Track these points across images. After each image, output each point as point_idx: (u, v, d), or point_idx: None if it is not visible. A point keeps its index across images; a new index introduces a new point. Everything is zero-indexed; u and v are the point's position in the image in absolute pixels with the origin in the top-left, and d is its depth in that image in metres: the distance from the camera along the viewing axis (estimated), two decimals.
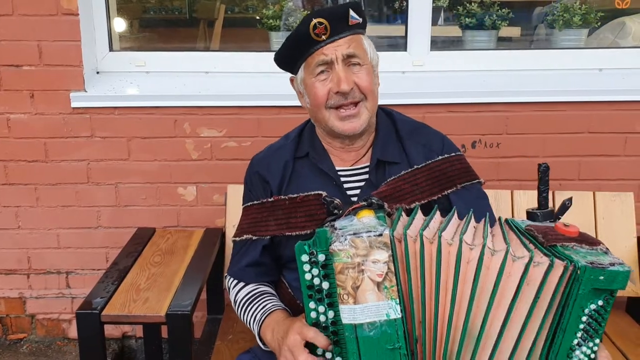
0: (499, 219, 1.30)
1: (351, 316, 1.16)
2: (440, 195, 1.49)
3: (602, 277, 1.11)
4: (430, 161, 1.53)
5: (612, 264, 1.12)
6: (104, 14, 2.53)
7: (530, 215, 1.34)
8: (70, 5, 2.35)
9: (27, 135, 2.50)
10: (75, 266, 2.67)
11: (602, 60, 2.57)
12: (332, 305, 1.20)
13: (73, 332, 2.72)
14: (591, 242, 1.20)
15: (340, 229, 1.18)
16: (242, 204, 1.65)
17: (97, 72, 2.55)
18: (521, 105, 2.47)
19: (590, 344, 1.17)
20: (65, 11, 2.36)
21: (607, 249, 1.19)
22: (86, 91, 2.45)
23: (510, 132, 2.50)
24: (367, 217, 1.23)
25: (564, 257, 1.14)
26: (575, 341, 1.15)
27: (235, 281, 1.63)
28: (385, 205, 1.31)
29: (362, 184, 1.55)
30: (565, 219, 2.18)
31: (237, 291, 1.61)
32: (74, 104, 2.45)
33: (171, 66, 2.58)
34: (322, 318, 1.22)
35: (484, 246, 1.13)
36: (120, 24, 2.76)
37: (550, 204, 2.21)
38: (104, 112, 2.47)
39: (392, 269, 1.15)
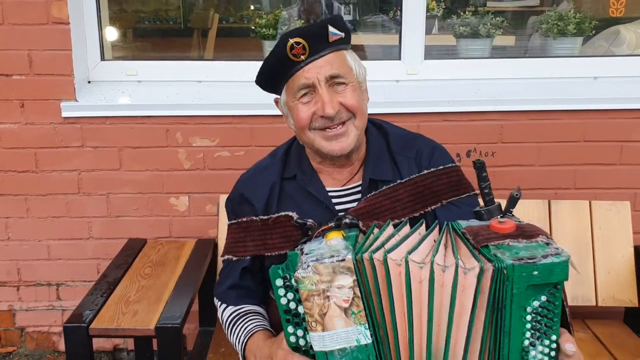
0: (446, 224, 1.22)
1: (321, 343, 1.12)
2: (422, 212, 1.42)
3: (536, 272, 1.04)
4: (414, 175, 1.45)
5: (545, 256, 1.05)
6: (95, 23, 2.51)
7: (477, 214, 1.25)
8: (61, 14, 2.33)
9: (17, 145, 2.47)
10: (65, 278, 2.64)
11: (597, 69, 2.56)
12: None
13: (63, 345, 2.67)
14: (529, 235, 1.12)
15: (306, 254, 1.14)
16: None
17: (89, 82, 2.53)
18: (516, 114, 2.45)
19: (547, 342, 1.10)
20: (56, 20, 2.34)
21: (548, 238, 1.11)
22: (77, 101, 2.42)
23: (505, 141, 2.48)
24: (334, 240, 1.18)
25: (490, 257, 1.07)
26: (527, 342, 1.10)
27: (219, 302, 1.59)
28: (360, 223, 1.26)
29: (355, 204, 1.47)
30: (562, 227, 2.20)
31: (222, 311, 1.57)
32: (64, 114, 2.42)
33: (163, 75, 2.56)
34: (301, 342, 1.19)
35: (432, 263, 1.07)
36: (111, 33, 2.75)
37: (546, 214, 2.21)
38: (95, 121, 2.45)
39: (358, 293, 1.11)
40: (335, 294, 1.10)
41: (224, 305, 1.56)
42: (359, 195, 1.49)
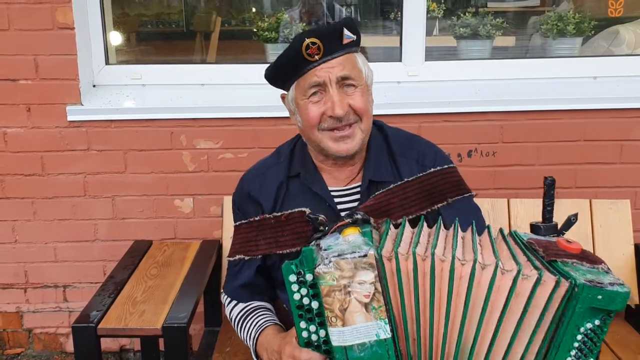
0: (500, 230, 1.28)
1: (340, 338, 1.15)
2: (429, 210, 1.45)
3: (600, 297, 1.08)
4: (421, 174, 1.49)
5: (612, 284, 1.09)
6: (100, 28, 2.54)
7: (534, 228, 1.32)
8: (66, 20, 2.36)
9: (23, 149, 2.50)
10: (72, 280, 2.66)
11: (596, 69, 2.58)
12: (323, 325, 1.18)
13: (71, 346, 2.70)
14: (593, 260, 1.18)
15: (325, 250, 1.16)
16: (234, 223, 1.61)
17: (94, 86, 2.56)
18: (516, 114, 2.47)
19: None
20: (61, 25, 2.37)
21: (608, 268, 1.17)
22: (82, 104, 2.45)
23: (506, 140, 2.50)
24: (352, 235, 1.20)
25: (563, 273, 1.12)
26: (569, 359, 1.13)
27: (230, 298, 1.62)
28: (372, 220, 1.28)
29: (355, 204, 1.51)
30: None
31: (231, 308, 1.61)
32: (70, 118, 2.45)
33: (167, 79, 2.59)
34: (313, 337, 1.21)
35: (475, 261, 1.12)
36: (116, 38, 2.77)
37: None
38: (100, 125, 2.48)
39: (379, 289, 1.13)
40: (356, 289, 1.12)
41: (234, 302, 1.60)
42: (358, 196, 1.52)
